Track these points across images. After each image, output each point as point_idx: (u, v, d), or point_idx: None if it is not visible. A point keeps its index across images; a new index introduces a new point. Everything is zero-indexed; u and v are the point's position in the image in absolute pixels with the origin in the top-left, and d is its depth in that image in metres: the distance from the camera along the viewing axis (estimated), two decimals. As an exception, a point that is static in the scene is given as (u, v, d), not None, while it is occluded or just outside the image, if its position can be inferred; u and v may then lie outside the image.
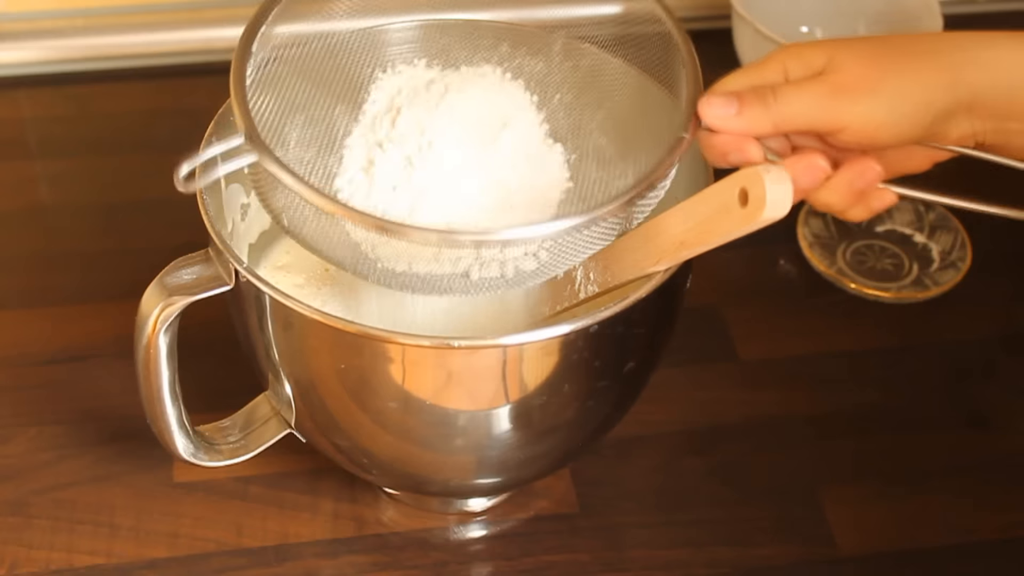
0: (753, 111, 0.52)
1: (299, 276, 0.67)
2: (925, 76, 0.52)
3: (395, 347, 0.54)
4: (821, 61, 0.52)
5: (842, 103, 0.51)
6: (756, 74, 0.54)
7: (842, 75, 0.52)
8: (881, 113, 0.51)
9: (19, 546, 0.66)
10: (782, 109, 0.52)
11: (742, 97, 0.52)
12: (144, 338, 0.57)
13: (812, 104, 0.52)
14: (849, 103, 0.51)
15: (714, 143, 0.53)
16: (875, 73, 0.51)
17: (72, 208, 0.86)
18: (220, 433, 0.64)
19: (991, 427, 0.74)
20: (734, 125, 0.52)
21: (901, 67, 0.52)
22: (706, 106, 0.53)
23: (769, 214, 0.47)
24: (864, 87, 0.51)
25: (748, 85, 0.53)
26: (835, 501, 0.70)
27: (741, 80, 0.54)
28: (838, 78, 0.52)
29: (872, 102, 0.51)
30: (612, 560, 0.67)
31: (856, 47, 0.53)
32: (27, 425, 0.71)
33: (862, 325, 0.80)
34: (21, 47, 0.96)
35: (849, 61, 0.52)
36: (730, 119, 0.52)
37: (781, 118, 0.52)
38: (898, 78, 0.52)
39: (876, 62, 0.52)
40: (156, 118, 0.94)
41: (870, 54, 0.52)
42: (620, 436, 0.71)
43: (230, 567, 0.65)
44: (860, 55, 0.52)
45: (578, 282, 0.59)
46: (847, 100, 0.51)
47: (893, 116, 0.51)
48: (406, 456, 0.61)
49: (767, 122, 0.52)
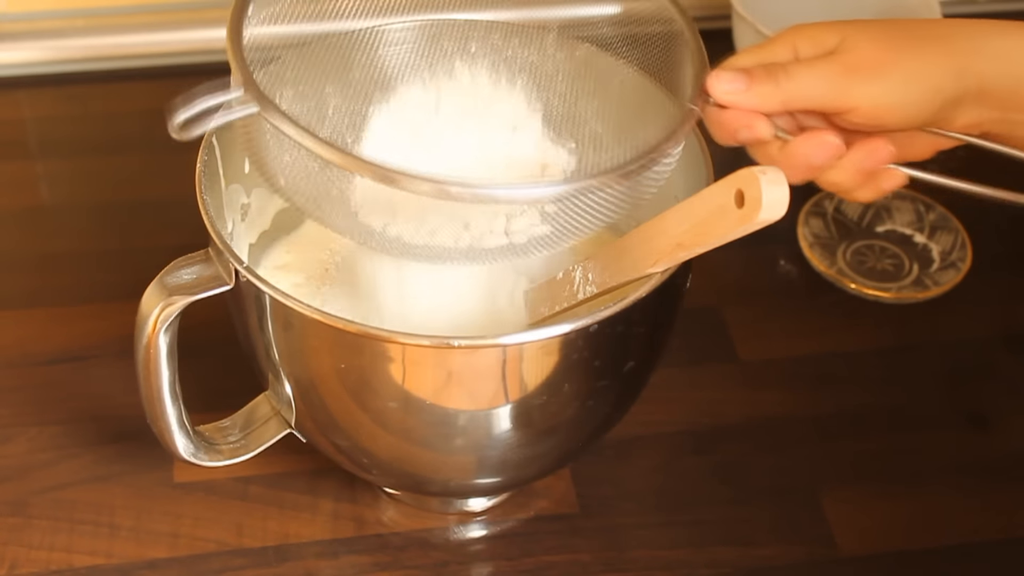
0: (763, 87, 0.52)
1: (299, 275, 0.67)
2: (936, 61, 0.52)
3: (395, 347, 0.54)
4: (833, 41, 0.52)
5: (853, 83, 0.51)
6: (766, 52, 0.54)
7: (855, 55, 0.52)
8: (891, 95, 0.51)
9: (19, 546, 0.66)
10: (792, 86, 0.52)
11: (752, 73, 0.52)
12: (144, 338, 0.57)
13: (823, 83, 0.52)
14: (860, 83, 0.51)
15: (723, 120, 0.53)
16: (887, 55, 0.51)
17: (72, 208, 0.86)
18: (220, 433, 0.64)
19: (991, 427, 0.74)
20: (743, 100, 0.52)
21: (913, 51, 0.52)
22: (715, 80, 0.53)
23: (765, 215, 0.47)
24: (876, 68, 0.51)
25: (758, 62, 0.53)
26: (835, 501, 0.70)
27: (750, 58, 0.54)
28: (850, 58, 0.52)
29: (883, 84, 0.51)
30: (612, 560, 0.67)
31: (869, 29, 0.53)
32: (27, 425, 0.71)
33: (862, 325, 0.80)
34: (21, 47, 0.96)
35: (862, 42, 0.52)
36: (739, 94, 0.52)
37: (791, 95, 0.52)
38: (910, 62, 0.51)
39: (889, 44, 0.52)
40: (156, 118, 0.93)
41: (883, 36, 0.52)
42: (620, 436, 0.71)
43: (230, 567, 0.66)
44: (873, 37, 0.52)
45: (577, 283, 0.59)
46: (858, 80, 0.51)
47: (902, 99, 0.51)
48: (406, 456, 0.61)
49: (776, 99, 0.52)
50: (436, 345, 0.53)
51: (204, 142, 0.60)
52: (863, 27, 0.53)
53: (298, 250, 0.69)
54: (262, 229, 0.68)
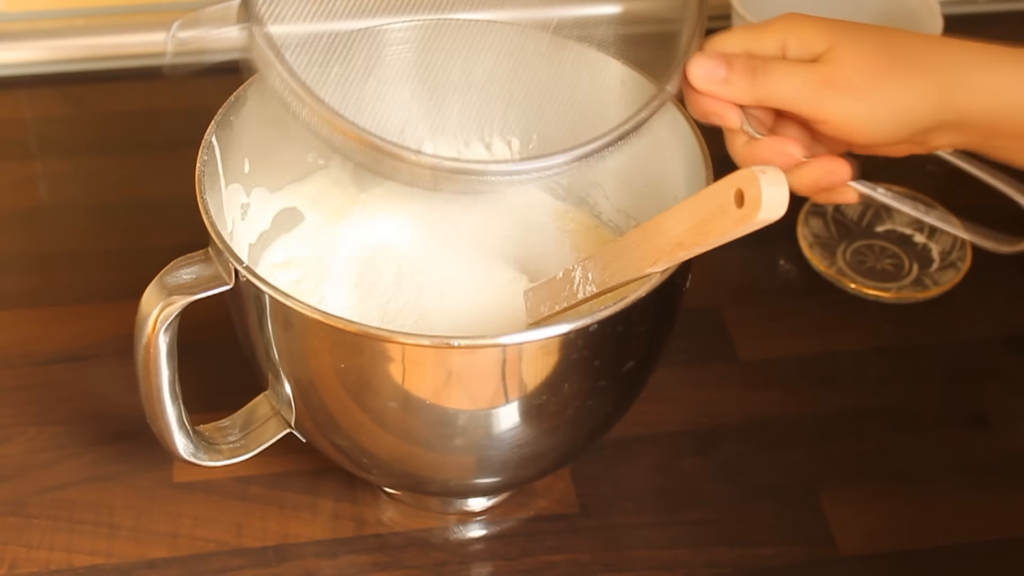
0: (739, 83, 0.53)
1: (297, 272, 0.67)
2: (916, 92, 0.52)
3: (395, 346, 0.54)
4: (821, 47, 0.53)
5: (827, 97, 0.52)
6: (754, 38, 0.54)
7: (836, 68, 0.52)
8: (863, 116, 0.52)
9: (19, 546, 0.66)
10: (768, 86, 0.52)
11: (732, 64, 0.53)
12: (144, 338, 0.57)
13: (798, 90, 0.52)
14: (835, 98, 0.52)
15: (697, 100, 0.54)
16: (868, 76, 0.52)
17: (72, 208, 0.86)
18: (220, 433, 0.64)
19: (991, 427, 0.74)
20: (717, 91, 0.53)
21: (895, 76, 0.52)
22: (695, 65, 0.53)
23: (765, 215, 0.47)
24: (854, 87, 0.51)
25: (743, 49, 0.54)
26: (835, 501, 0.70)
27: (737, 40, 0.54)
28: (831, 70, 0.52)
29: (856, 104, 0.52)
30: (612, 560, 0.67)
31: (859, 40, 0.53)
32: (27, 425, 0.71)
33: (862, 325, 0.80)
34: (21, 47, 0.96)
35: (848, 56, 0.52)
36: (715, 84, 0.53)
37: (765, 95, 0.52)
38: (889, 86, 0.52)
39: (873, 64, 0.52)
40: (156, 118, 0.94)
41: (870, 54, 0.52)
42: (620, 436, 0.71)
43: (230, 567, 0.66)
44: (859, 52, 0.52)
45: (576, 282, 0.59)
46: (833, 95, 0.52)
47: (874, 121, 0.52)
48: (406, 456, 0.61)
49: (751, 95, 0.53)
50: (436, 345, 0.53)
51: (204, 142, 0.60)
52: (853, 37, 0.53)
53: (297, 248, 0.69)
54: (262, 229, 0.68)
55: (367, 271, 0.68)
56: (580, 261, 0.59)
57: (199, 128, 0.61)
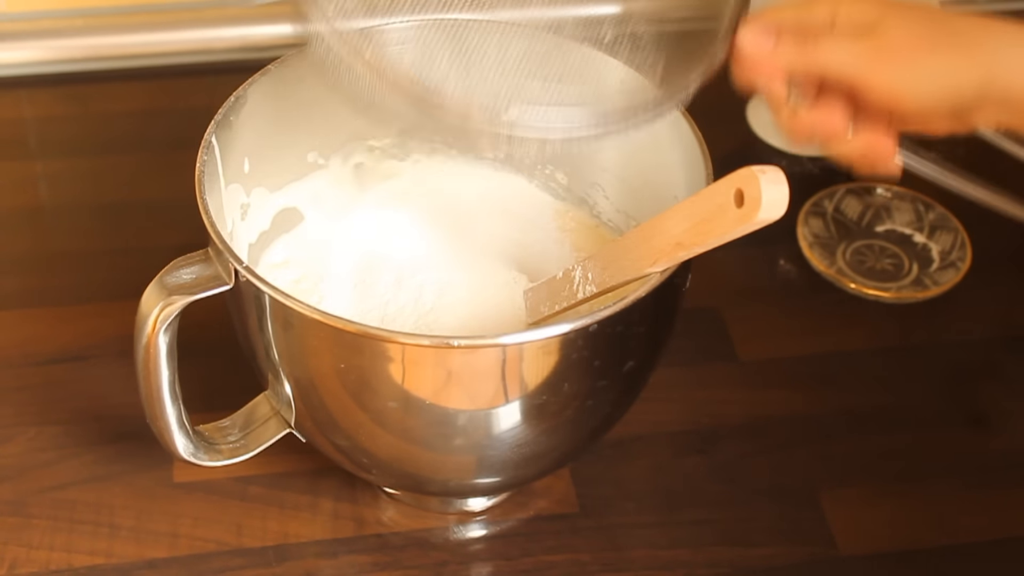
0: (788, 52, 0.54)
1: (297, 272, 0.68)
2: (961, 67, 0.53)
3: (395, 346, 0.54)
4: (872, 19, 0.53)
5: (876, 65, 0.53)
6: (803, 10, 0.55)
7: (885, 40, 0.53)
8: (909, 85, 0.53)
9: (19, 546, 0.66)
10: (818, 56, 0.53)
11: (781, 33, 0.54)
12: (144, 338, 0.57)
13: (848, 59, 0.53)
14: (883, 67, 0.53)
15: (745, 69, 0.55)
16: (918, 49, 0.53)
17: (72, 208, 0.86)
18: (220, 433, 0.64)
19: (991, 427, 0.74)
20: (767, 60, 0.54)
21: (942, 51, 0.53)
22: (745, 33, 0.54)
23: (765, 215, 0.48)
24: (901, 58, 0.53)
25: (794, 21, 0.54)
26: (835, 501, 0.70)
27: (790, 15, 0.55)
28: (881, 42, 0.53)
29: (904, 73, 0.53)
30: (612, 560, 0.67)
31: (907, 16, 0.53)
32: (27, 425, 0.71)
33: (862, 325, 0.80)
34: (21, 47, 0.96)
35: (897, 28, 0.53)
36: (764, 53, 0.54)
37: (814, 63, 0.53)
38: (937, 60, 0.53)
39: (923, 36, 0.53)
40: (156, 118, 0.94)
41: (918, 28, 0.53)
42: (620, 436, 0.71)
43: (230, 567, 0.66)
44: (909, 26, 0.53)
45: (576, 282, 0.59)
46: (882, 64, 0.53)
47: (920, 92, 0.53)
48: (406, 456, 0.61)
49: (799, 64, 0.54)
50: (436, 345, 0.53)
51: (204, 142, 0.60)
52: (902, 12, 0.54)
53: (297, 248, 0.69)
54: (262, 229, 0.68)
55: (367, 271, 0.68)
56: (580, 261, 0.59)
57: (199, 128, 0.61)
